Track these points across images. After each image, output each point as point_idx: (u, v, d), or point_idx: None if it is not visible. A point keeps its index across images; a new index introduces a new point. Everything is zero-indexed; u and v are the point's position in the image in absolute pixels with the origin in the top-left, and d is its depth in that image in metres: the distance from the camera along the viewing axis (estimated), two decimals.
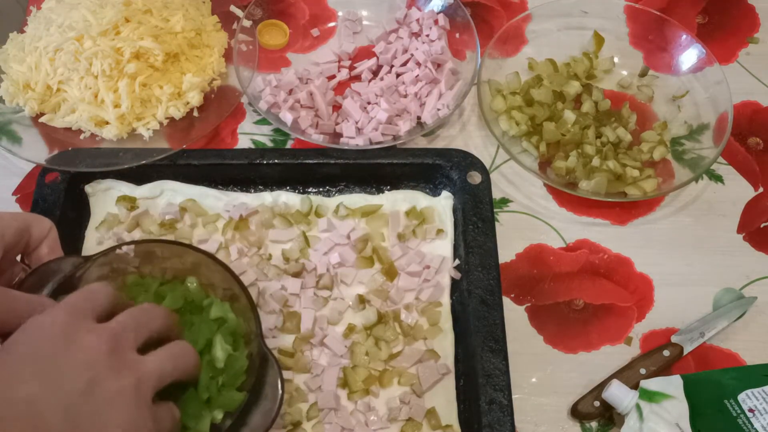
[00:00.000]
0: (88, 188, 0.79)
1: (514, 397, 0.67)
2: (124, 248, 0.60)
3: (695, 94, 0.87)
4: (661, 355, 0.71)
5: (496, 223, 0.78)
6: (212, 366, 0.57)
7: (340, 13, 0.95)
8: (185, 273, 0.62)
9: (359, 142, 0.81)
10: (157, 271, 0.62)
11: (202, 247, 0.75)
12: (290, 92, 0.86)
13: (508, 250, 0.78)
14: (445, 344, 0.71)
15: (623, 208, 0.82)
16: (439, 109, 0.83)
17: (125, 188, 0.79)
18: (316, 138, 0.81)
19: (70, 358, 0.47)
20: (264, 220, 0.77)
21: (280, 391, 0.55)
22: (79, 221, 0.78)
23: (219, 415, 0.54)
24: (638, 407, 0.65)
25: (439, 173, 0.80)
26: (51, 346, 0.47)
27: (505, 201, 0.82)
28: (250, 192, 0.81)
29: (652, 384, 0.67)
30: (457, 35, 0.90)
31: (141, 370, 0.49)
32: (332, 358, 0.70)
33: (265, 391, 0.56)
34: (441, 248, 0.76)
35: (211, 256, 0.61)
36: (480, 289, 0.71)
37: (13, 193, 0.82)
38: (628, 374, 0.70)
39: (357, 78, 0.89)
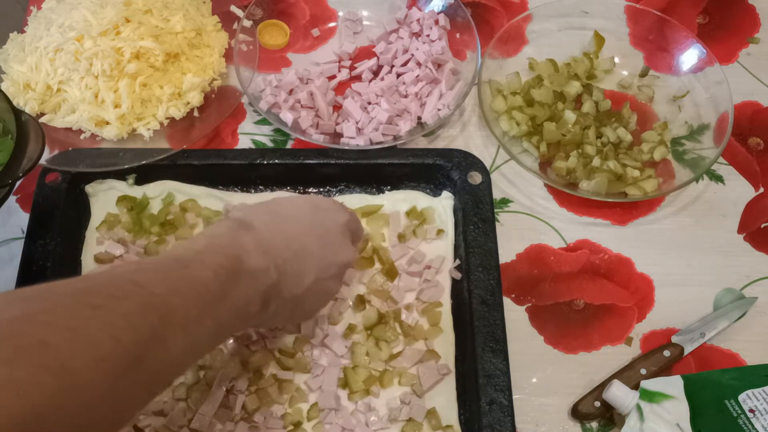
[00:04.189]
0: (89, 188, 0.79)
1: (514, 397, 0.67)
2: None
3: (696, 94, 0.87)
4: (661, 356, 0.71)
5: (497, 223, 0.78)
6: None
7: (340, 13, 0.95)
8: None
9: (360, 142, 0.81)
10: None
11: None
12: (291, 92, 0.86)
13: (508, 251, 0.78)
14: (446, 344, 0.71)
15: (624, 209, 0.82)
16: (439, 109, 0.83)
17: (126, 188, 0.79)
18: (317, 138, 0.81)
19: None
20: None
21: (41, 134, 0.67)
22: (79, 221, 0.78)
23: None
24: (639, 407, 0.65)
25: (439, 173, 0.80)
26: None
27: (505, 201, 0.82)
28: (251, 192, 0.81)
29: (652, 384, 0.67)
30: (458, 35, 0.89)
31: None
32: (333, 358, 0.70)
33: (30, 138, 0.66)
34: (441, 248, 0.76)
35: None
36: (480, 289, 0.71)
37: (14, 193, 0.82)
38: (628, 374, 0.70)
39: (357, 78, 0.89)
